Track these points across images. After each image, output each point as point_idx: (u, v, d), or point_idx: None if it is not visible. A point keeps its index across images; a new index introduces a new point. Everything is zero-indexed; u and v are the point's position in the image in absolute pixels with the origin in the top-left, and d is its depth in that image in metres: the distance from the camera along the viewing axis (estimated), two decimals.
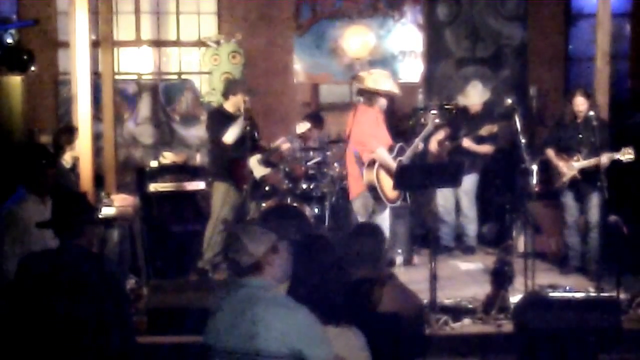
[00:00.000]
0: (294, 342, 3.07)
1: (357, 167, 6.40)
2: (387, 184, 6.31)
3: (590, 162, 6.74)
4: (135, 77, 9.63)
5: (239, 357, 3.11)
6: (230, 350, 3.13)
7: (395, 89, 6.47)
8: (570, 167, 6.95)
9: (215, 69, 9.15)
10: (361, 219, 6.43)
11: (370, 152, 6.29)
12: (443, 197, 7.92)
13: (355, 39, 9.55)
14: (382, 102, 6.44)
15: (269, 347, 3.06)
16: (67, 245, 3.67)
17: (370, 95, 6.37)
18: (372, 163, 6.28)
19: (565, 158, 7.00)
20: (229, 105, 7.15)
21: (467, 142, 7.76)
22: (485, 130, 7.69)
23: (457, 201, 7.99)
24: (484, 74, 9.48)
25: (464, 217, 8.01)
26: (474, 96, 7.87)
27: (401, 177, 6.05)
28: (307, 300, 3.23)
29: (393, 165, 6.29)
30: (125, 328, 3.68)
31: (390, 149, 6.38)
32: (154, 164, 8.57)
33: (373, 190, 6.29)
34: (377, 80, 6.36)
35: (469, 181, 7.73)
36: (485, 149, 7.85)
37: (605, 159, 6.56)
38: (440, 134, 7.82)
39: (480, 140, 7.79)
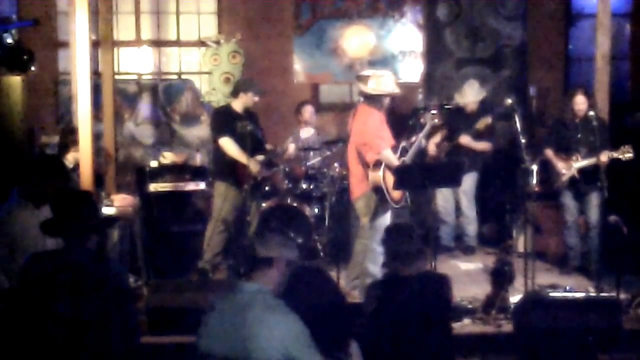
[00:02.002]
0: (288, 346, 3.07)
1: (360, 167, 6.36)
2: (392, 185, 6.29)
3: (589, 161, 6.75)
4: (135, 77, 9.61)
5: None
6: (225, 356, 3.12)
7: (396, 89, 6.45)
8: (569, 167, 6.95)
9: (215, 69, 9.17)
10: (363, 219, 6.42)
11: (376, 153, 6.24)
12: (443, 197, 7.93)
13: (355, 39, 9.54)
14: (385, 102, 6.43)
15: (263, 351, 3.06)
16: (72, 246, 3.66)
17: (373, 97, 6.36)
18: (377, 164, 6.25)
19: (564, 158, 7.01)
20: (238, 104, 7.16)
21: (464, 139, 7.77)
22: (481, 124, 7.71)
23: (457, 201, 8.00)
24: (484, 74, 9.48)
25: (464, 217, 8.01)
26: (470, 94, 7.89)
27: (401, 177, 6.04)
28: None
29: None
30: (130, 329, 3.68)
31: (394, 149, 6.36)
32: (154, 164, 8.55)
33: (379, 191, 6.25)
34: (381, 82, 6.33)
35: (469, 181, 7.75)
36: (483, 146, 7.86)
37: (604, 157, 6.57)
38: (437, 136, 7.83)
39: (477, 136, 7.80)
